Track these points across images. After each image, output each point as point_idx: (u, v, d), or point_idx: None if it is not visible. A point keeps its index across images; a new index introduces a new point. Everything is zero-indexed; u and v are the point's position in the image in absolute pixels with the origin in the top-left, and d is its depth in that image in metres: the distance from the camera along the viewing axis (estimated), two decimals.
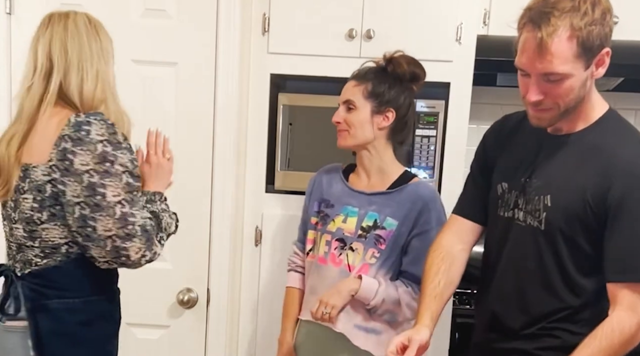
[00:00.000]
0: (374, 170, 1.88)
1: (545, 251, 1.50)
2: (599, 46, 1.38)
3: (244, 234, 2.34)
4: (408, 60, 1.87)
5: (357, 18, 2.24)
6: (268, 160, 2.34)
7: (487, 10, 2.35)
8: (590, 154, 1.46)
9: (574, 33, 1.35)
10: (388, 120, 1.85)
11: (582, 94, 1.44)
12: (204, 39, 2.17)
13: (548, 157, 1.52)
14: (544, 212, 1.48)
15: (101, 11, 2.13)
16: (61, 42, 1.52)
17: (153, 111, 2.19)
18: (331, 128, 2.31)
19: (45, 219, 1.49)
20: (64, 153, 1.44)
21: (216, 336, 2.29)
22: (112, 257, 1.48)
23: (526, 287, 1.54)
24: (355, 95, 1.85)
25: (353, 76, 1.91)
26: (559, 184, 1.48)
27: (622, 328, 1.40)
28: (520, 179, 1.55)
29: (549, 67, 1.37)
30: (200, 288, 2.26)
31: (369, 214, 1.84)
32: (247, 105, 2.30)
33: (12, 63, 2.17)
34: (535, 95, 1.42)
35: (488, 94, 2.64)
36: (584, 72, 1.40)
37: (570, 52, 1.36)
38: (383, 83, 1.84)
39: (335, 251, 1.85)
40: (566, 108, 1.44)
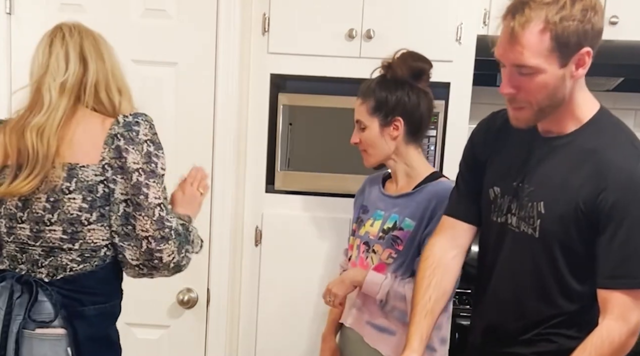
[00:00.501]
0: (401, 175, 1.88)
1: (541, 258, 1.47)
2: (576, 44, 1.33)
3: (244, 234, 2.34)
4: (407, 59, 1.84)
5: (357, 18, 2.24)
6: (268, 160, 2.35)
7: (487, 10, 2.35)
8: (582, 158, 1.42)
9: (548, 26, 1.31)
10: (398, 129, 1.83)
11: (561, 95, 1.39)
12: (204, 39, 2.17)
13: (540, 161, 1.48)
14: (538, 219, 1.45)
15: (101, 11, 2.15)
16: (95, 49, 1.56)
17: (153, 111, 2.17)
18: (331, 129, 2.32)
19: (94, 220, 1.49)
20: (118, 151, 1.47)
21: (216, 336, 2.29)
22: (146, 258, 1.49)
23: (522, 294, 1.52)
24: (362, 115, 1.84)
25: (359, 92, 1.89)
26: (552, 190, 1.44)
27: (612, 339, 1.38)
28: (512, 183, 1.51)
29: (519, 58, 1.35)
30: (200, 288, 2.26)
31: (391, 216, 1.83)
32: (247, 105, 2.30)
33: (12, 63, 2.17)
34: (507, 88, 1.40)
35: (488, 94, 2.63)
36: (558, 69, 1.35)
37: (542, 45, 1.33)
38: (384, 93, 1.82)
39: (363, 254, 1.86)
40: (540, 107, 1.40)
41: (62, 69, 1.53)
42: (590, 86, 1.48)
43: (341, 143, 2.31)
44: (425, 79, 1.86)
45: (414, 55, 1.86)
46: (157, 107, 2.18)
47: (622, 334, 1.38)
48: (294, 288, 2.35)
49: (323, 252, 2.29)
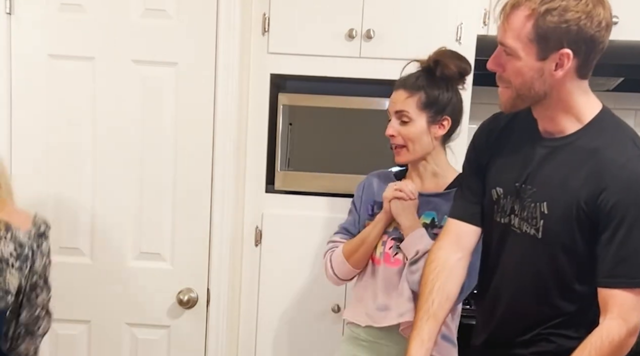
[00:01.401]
0: (428, 175, 1.85)
1: (542, 259, 1.47)
2: (556, 41, 1.35)
3: (244, 234, 2.34)
4: (454, 58, 1.81)
5: (357, 18, 2.24)
6: (268, 160, 2.34)
7: (487, 10, 2.35)
8: (583, 157, 1.42)
9: (533, 14, 1.35)
10: (444, 128, 1.81)
11: (540, 89, 1.41)
12: (204, 39, 2.17)
13: (541, 162, 1.49)
14: (541, 219, 1.46)
15: (101, 11, 2.15)
16: None
17: (153, 111, 2.19)
18: (331, 129, 2.32)
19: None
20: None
21: (216, 336, 2.29)
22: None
23: (522, 295, 1.53)
24: (409, 106, 1.78)
25: (402, 85, 1.82)
26: (554, 191, 1.44)
27: (612, 339, 1.38)
28: (514, 184, 1.52)
29: (502, 36, 1.42)
30: (200, 288, 2.26)
31: (426, 213, 1.80)
32: (247, 105, 2.30)
33: (12, 63, 2.17)
34: (491, 63, 1.47)
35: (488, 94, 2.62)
36: (535, 61, 1.39)
37: (524, 30, 1.37)
38: (435, 90, 1.78)
39: (390, 250, 1.81)
40: (518, 92, 1.44)
41: None
42: (591, 86, 1.48)
43: (341, 143, 2.32)
44: (464, 80, 1.85)
45: (458, 55, 1.83)
46: (157, 107, 2.19)
47: (621, 334, 1.38)
48: (294, 288, 2.35)
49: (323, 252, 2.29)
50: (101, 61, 2.16)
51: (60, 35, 2.16)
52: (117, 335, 2.27)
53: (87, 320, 2.28)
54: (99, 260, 2.24)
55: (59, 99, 2.18)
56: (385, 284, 1.81)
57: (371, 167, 2.05)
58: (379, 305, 1.81)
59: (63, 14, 2.16)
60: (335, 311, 2.31)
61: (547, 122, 1.48)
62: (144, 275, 2.25)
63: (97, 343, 2.28)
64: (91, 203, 2.21)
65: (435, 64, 1.80)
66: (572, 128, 1.46)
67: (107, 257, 2.24)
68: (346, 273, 1.89)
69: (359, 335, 1.89)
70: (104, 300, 2.25)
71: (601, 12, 1.36)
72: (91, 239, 2.23)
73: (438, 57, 1.81)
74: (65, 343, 2.28)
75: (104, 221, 2.22)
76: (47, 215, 2.19)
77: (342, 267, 1.88)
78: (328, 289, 2.30)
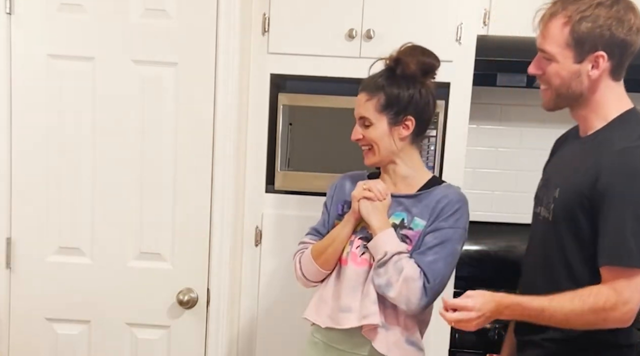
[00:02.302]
0: (399, 178, 1.81)
1: (552, 241, 1.57)
2: (591, 45, 1.50)
3: (244, 234, 2.34)
4: (416, 54, 1.75)
5: (357, 18, 2.24)
6: (268, 160, 2.35)
7: (487, 10, 2.36)
8: (593, 148, 1.54)
9: (569, 22, 1.50)
10: (409, 129, 1.75)
11: (577, 89, 1.54)
12: (204, 39, 2.17)
13: (566, 155, 1.67)
14: (552, 203, 1.59)
15: (101, 11, 2.15)
16: None
17: (153, 111, 2.19)
18: (331, 129, 2.32)
19: None
20: None
21: (216, 336, 2.29)
22: None
23: (535, 277, 1.63)
24: (368, 111, 1.74)
25: (363, 87, 1.78)
26: (566, 177, 1.58)
27: (598, 298, 1.45)
28: (546, 178, 1.70)
29: (542, 42, 1.56)
30: (200, 288, 2.26)
31: (395, 213, 1.77)
32: (247, 105, 2.30)
33: (12, 63, 2.17)
34: (531, 68, 1.61)
35: (488, 94, 2.64)
36: (572, 64, 1.52)
37: (561, 37, 1.52)
38: (395, 89, 1.73)
39: (357, 250, 1.77)
40: (557, 92, 1.57)
41: None
42: None
43: (341, 143, 2.31)
44: (432, 76, 1.79)
45: (423, 50, 1.77)
46: (157, 107, 2.19)
47: (608, 299, 1.44)
48: (293, 288, 2.34)
49: None
50: (101, 61, 2.16)
51: (60, 35, 2.16)
52: (117, 335, 2.27)
53: (87, 320, 2.27)
54: (99, 260, 2.24)
55: (59, 99, 2.18)
56: (350, 285, 1.76)
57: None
58: (342, 306, 1.76)
59: (63, 14, 2.16)
60: None
61: (581, 121, 1.62)
62: (144, 275, 2.25)
63: (97, 343, 2.28)
64: (91, 203, 2.21)
65: (396, 63, 1.75)
66: (597, 126, 1.58)
67: (107, 257, 2.24)
68: (314, 274, 1.84)
69: (317, 338, 1.85)
70: (104, 300, 2.25)
71: (632, 18, 1.50)
72: (91, 239, 2.23)
73: (399, 55, 1.75)
74: (65, 343, 2.28)
75: (104, 221, 2.22)
76: (47, 214, 2.22)
77: (310, 267, 1.83)
78: None
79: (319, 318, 1.82)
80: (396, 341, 1.73)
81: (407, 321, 1.75)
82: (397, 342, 1.73)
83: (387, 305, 1.72)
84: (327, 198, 1.93)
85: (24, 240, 2.23)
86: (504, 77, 2.49)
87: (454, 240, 1.71)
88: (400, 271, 1.66)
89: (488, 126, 2.72)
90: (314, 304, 1.85)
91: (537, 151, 2.69)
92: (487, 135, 2.72)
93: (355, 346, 1.76)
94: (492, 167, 2.73)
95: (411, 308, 1.68)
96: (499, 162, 2.73)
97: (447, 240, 1.70)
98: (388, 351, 1.72)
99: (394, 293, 1.67)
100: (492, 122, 2.72)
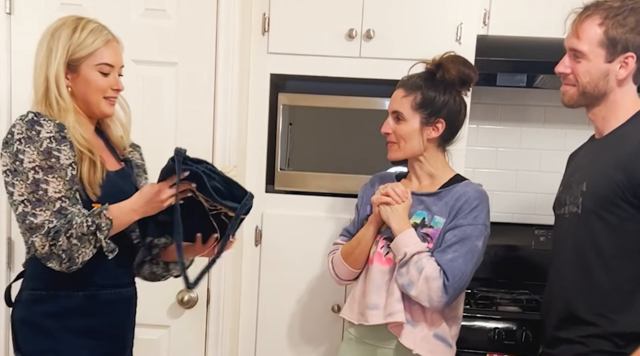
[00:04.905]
0: (424, 175, 1.86)
1: (582, 232, 1.62)
2: (623, 47, 1.59)
3: (244, 234, 2.34)
4: (458, 63, 1.81)
5: (357, 18, 2.24)
6: (268, 160, 2.35)
7: (487, 10, 2.36)
8: (614, 143, 1.62)
9: (604, 23, 1.59)
10: (438, 131, 1.81)
11: (603, 88, 1.62)
12: (204, 39, 2.17)
13: (583, 158, 1.74)
14: (580, 197, 1.64)
15: (101, 11, 2.14)
16: None
17: (153, 111, 2.19)
18: (331, 129, 2.32)
19: None
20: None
21: (216, 336, 2.29)
22: (30, 248, 1.54)
23: (565, 273, 1.66)
24: (403, 106, 1.80)
25: (402, 84, 1.84)
26: (592, 171, 1.64)
27: None
28: (567, 179, 1.76)
29: (574, 42, 1.63)
30: (200, 288, 2.24)
31: (417, 212, 1.81)
32: (247, 105, 2.30)
33: (12, 63, 2.17)
34: (560, 66, 1.67)
35: (488, 94, 2.64)
36: (603, 63, 1.61)
37: (595, 36, 1.60)
38: (432, 92, 1.79)
39: (382, 250, 1.83)
40: (584, 89, 1.64)
41: None
42: None
43: (341, 143, 2.32)
44: (468, 87, 1.85)
45: (464, 61, 1.83)
46: (157, 107, 2.19)
47: None
48: (294, 288, 2.35)
49: (323, 252, 2.29)
50: None
51: None
52: None
53: None
54: None
55: None
56: (376, 283, 1.81)
57: (371, 167, 2.05)
58: (369, 304, 1.81)
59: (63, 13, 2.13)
60: (335, 311, 2.31)
61: (599, 121, 1.68)
62: None
63: None
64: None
65: (437, 67, 1.81)
66: (615, 126, 1.65)
67: None
68: (346, 274, 1.91)
69: (352, 333, 1.90)
70: None
71: None
72: None
73: (441, 61, 1.82)
74: None
75: None
76: None
77: (342, 268, 1.90)
78: (328, 289, 2.30)
79: (352, 314, 1.88)
80: (424, 337, 1.77)
81: (433, 317, 1.78)
82: (425, 337, 1.76)
83: (413, 302, 1.76)
84: (358, 199, 1.99)
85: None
86: (503, 77, 2.49)
87: (474, 237, 1.74)
88: (421, 270, 1.71)
89: (488, 126, 2.72)
90: (348, 302, 1.92)
91: (537, 151, 2.72)
92: (487, 135, 2.72)
93: (383, 340, 1.81)
94: (492, 167, 2.73)
95: (433, 305, 1.72)
96: (499, 162, 2.73)
97: (467, 237, 1.73)
98: (415, 346, 1.76)
99: (416, 292, 1.72)
100: (492, 122, 2.72)
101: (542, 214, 2.58)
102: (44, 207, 1.50)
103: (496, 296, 2.36)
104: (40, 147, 1.50)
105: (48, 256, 1.51)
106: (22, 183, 1.51)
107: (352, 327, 1.90)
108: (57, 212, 1.51)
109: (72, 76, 1.61)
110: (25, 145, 1.50)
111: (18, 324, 1.64)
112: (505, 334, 2.17)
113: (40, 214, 1.50)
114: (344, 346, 1.94)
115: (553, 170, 2.23)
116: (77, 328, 1.62)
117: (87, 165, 1.57)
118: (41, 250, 1.50)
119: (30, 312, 1.62)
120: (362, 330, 1.86)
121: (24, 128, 1.51)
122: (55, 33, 1.61)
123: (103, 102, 1.64)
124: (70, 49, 1.60)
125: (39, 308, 1.61)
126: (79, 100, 1.63)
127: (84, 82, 1.62)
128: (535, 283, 2.33)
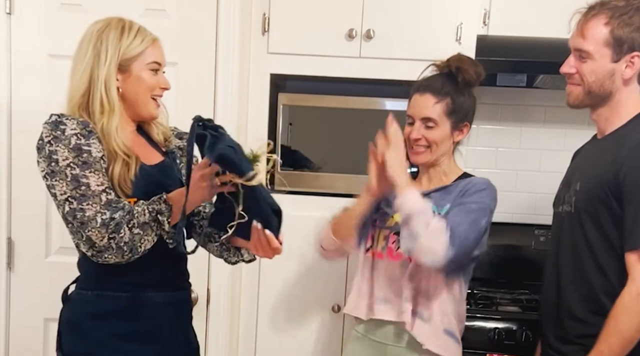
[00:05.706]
0: (437, 176, 1.87)
1: (576, 230, 1.65)
2: (629, 47, 1.59)
3: None
4: (472, 64, 1.83)
5: (357, 18, 2.24)
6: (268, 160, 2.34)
7: (487, 10, 2.36)
8: (612, 144, 1.63)
9: (609, 22, 1.59)
10: (463, 134, 1.85)
11: (608, 87, 1.63)
12: (204, 39, 2.17)
13: (584, 156, 1.76)
14: (574, 196, 1.66)
15: (101, 11, 2.13)
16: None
17: None
18: (331, 129, 2.32)
19: None
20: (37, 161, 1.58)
21: (216, 336, 2.29)
22: (80, 241, 1.51)
23: (560, 270, 1.69)
24: (436, 113, 1.79)
25: (429, 89, 1.80)
26: (586, 172, 1.67)
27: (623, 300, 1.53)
28: (568, 178, 1.76)
29: (579, 41, 1.63)
30: (200, 288, 2.26)
31: None
32: (247, 105, 2.30)
33: (12, 63, 2.17)
34: (565, 67, 1.67)
35: (488, 94, 2.64)
36: (609, 62, 1.61)
37: (601, 36, 1.60)
38: (461, 97, 1.80)
39: (393, 245, 1.83)
40: (589, 89, 1.64)
41: None
42: None
43: (341, 143, 2.32)
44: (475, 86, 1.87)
45: (474, 61, 1.85)
46: None
47: (631, 293, 1.52)
48: (294, 288, 2.35)
49: None
50: None
51: (60, 35, 2.16)
52: None
53: None
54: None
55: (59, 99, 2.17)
56: (386, 278, 1.82)
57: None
58: (381, 298, 1.83)
59: (63, 13, 2.16)
60: (335, 311, 2.31)
61: (602, 121, 1.69)
62: None
63: None
64: None
65: (457, 71, 1.81)
66: (618, 126, 1.66)
67: None
68: (328, 242, 1.89)
69: (359, 332, 1.89)
70: None
71: None
72: None
73: (459, 64, 1.81)
74: None
75: None
76: (47, 214, 2.21)
77: (325, 234, 1.89)
78: (328, 289, 2.30)
79: (359, 311, 1.87)
80: (434, 331, 1.77)
81: (443, 309, 1.78)
82: (435, 332, 1.77)
83: (424, 296, 1.77)
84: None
85: (24, 240, 2.23)
86: (503, 77, 2.49)
87: (479, 211, 1.71)
88: (427, 225, 1.65)
89: (488, 126, 2.72)
90: (352, 300, 1.91)
91: (537, 151, 2.72)
92: (487, 135, 2.72)
93: (393, 338, 1.81)
94: (492, 167, 2.72)
95: (436, 261, 1.65)
96: (499, 162, 2.73)
97: (472, 210, 1.71)
98: (425, 341, 1.76)
99: (420, 242, 1.65)
100: (492, 122, 2.72)
101: (542, 214, 2.58)
102: (90, 201, 1.48)
103: (496, 296, 2.36)
104: (69, 144, 1.50)
105: (105, 249, 1.49)
106: (62, 181, 1.50)
107: (360, 324, 1.89)
108: (106, 205, 1.49)
109: (123, 77, 1.60)
110: (55, 145, 1.50)
111: (63, 324, 1.63)
112: (505, 334, 2.18)
113: (89, 208, 1.48)
114: (351, 345, 1.93)
115: (553, 170, 2.23)
116: (121, 332, 1.59)
117: (119, 166, 1.56)
118: (99, 243, 1.47)
119: (75, 312, 1.62)
120: (370, 327, 1.86)
121: (49, 130, 1.51)
122: (101, 35, 1.60)
123: (151, 103, 1.65)
124: (121, 50, 1.59)
125: (84, 309, 1.60)
126: (127, 102, 1.62)
127: (136, 81, 1.61)
128: (535, 283, 2.33)
